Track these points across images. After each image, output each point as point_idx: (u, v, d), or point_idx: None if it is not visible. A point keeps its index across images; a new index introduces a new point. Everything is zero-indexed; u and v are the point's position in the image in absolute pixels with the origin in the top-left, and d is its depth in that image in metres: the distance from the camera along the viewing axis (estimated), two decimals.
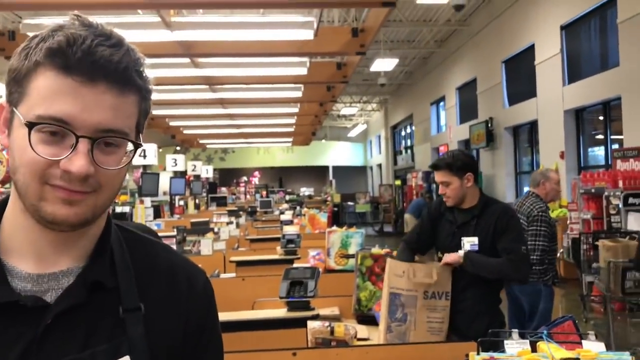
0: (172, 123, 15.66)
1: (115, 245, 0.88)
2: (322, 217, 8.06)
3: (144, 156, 8.07)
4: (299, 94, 11.66)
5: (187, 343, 0.90)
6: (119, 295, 0.84)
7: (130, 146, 0.83)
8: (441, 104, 18.11)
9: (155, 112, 12.74)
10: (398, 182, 21.85)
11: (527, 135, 12.80)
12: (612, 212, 7.75)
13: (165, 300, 0.89)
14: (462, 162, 2.97)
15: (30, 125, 0.76)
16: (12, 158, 0.79)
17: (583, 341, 1.45)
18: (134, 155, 0.85)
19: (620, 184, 7.70)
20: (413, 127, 21.36)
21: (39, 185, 0.77)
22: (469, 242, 2.90)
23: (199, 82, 10.10)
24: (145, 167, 8.81)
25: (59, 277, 0.83)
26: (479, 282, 2.85)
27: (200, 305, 0.92)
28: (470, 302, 2.84)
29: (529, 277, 3.56)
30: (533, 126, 12.03)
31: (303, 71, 9.47)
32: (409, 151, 22.33)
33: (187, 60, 8.68)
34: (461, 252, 2.84)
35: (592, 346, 1.43)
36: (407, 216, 16.00)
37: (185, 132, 17.62)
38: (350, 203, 24.58)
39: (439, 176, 2.99)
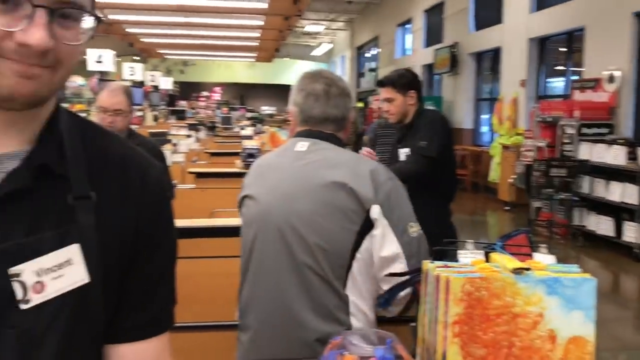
0: (130, 30, 15.00)
1: (65, 130, 0.83)
2: (283, 135, 8.04)
3: (101, 62, 7.74)
4: (264, 5, 11.27)
5: (139, 238, 0.86)
6: (68, 182, 0.80)
7: (88, 22, 0.77)
8: (407, 26, 17.83)
9: (113, 16, 12.16)
10: (360, 104, 21.79)
11: (489, 62, 12.80)
12: (565, 141, 7.95)
13: (116, 191, 0.85)
14: (407, 80, 3.07)
15: None
16: None
17: (534, 253, 1.49)
18: (94, 32, 0.79)
19: (577, 114, 7.86)
20: (378, 49, 21.07)
21: None
22: (404, 153, 3.05)
23: None
24: (102, 73, 8.48)
25: (3, 160, 0.78)
26: (426, 192, 2.83)
27: (153, 198, 0.88)
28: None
29: None
30: (496, 53, 12.02)
31: None
32: (372, 73, 22.13)
33: None
34: None
35: (543, 258, 1.48)
36: (365, 138, 16.08)
37: (143, 40, 16.95)
38: None
39: (383, 93, 3.11)
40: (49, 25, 0.71)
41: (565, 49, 10.05)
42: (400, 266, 1.56)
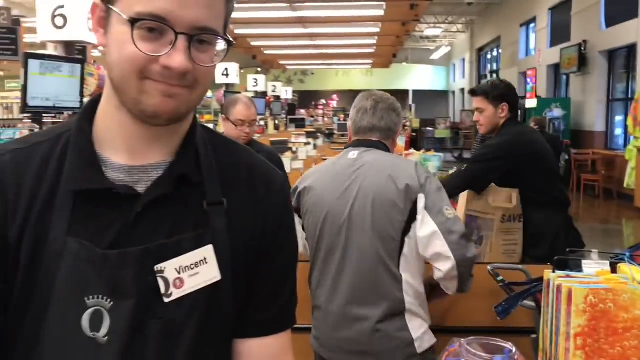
0: (254, 43, 15.72)
1: (200, 143, 0.93)
2: (400, 141, 8.03)
3: (227, 75, 8.19)
4: (380, 12, 11.32)
5: (264, 241, 0.94)
6: (203, 189, 0.89)
7: (220, 45, 0.85)
8: (531, 25, 17.05)
9: (237, 31, 12.80)
10: None
11: (623, 60, 11.91)
12: None
13: (245, 198, 0.93)
14: (500, 92, 2.93)
15: (133, 22, 0.78)
16: (110, 55, 0.83)
17: None
18: (226, 54, 0.88)
19: None
20: (500, 50, 20.35)
21: (139, 80, 0.81)
22: None
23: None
24: (227, 85, 8.96)
25: (149, 170, 0.88)
26: (535, 203, 2.79)
27: (277, 205, 0.96)
28: (534, 224, 2.81)
29: None
30: (631, 50, 11.16)
31: None
32: (494, 75, 21.39)
33: None
34: None
35: None
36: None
37: (266, 52, 17.68)
38: (429, 128, 24.11)
39: (475, 102, 2.99)
40: (188, 50, 0.80)
41: None
42: (440, 243, 1.79)
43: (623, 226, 9.30)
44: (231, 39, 0.86)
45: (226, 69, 8.15)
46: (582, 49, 12.69)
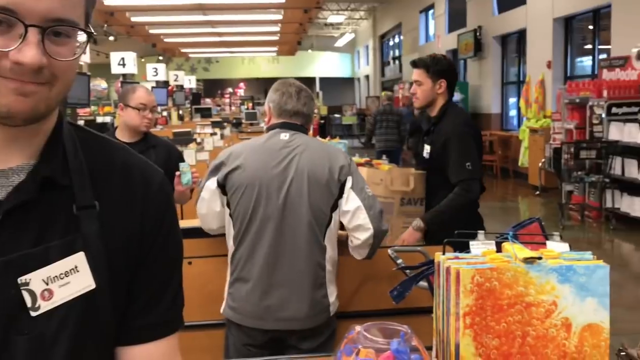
0: (152, 31, 15.16)
1: (68, 142, 0.86)
2: None
3: (124, 65, 7.86)
4: None
5: (144, 243, 0.89)
6: (72, 192, 0.83)
7: (81, 37, 0.79)
8: (430, 12, 17.62)
9: (134, 19, 12.31)
10: (386, 93, 21.63)
11: (515, 45, 12.59)
12: (594, 122, 7.79)
13: (120, 199, 0.88)
14: (441, 67, 2.93)
15: None
16: None
17: (547, 242, 1.48)
18: (86, 46, 0.82)
19: (605, 93, 7.69)
20: (401, 37, 20.88)
21: None
22: (426, 150, 2.93)
23: None
24: (125, 76, 8.60)
25: (9, 174, 0.81)
26: (447, 186, 2.79)
27: (156, 205, 0.91)
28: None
29: None
30: (521, 35, 11.81)
31: None
32: (397, 62, 21.94)
33: None
34: (417, 223, 2.72)
35: (556, 246, 1.47)
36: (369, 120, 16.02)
37: (165, 40, 17.11)
38: (337, 115, 24.43)
39: (414, 74, 2.98)
40: (41, 43, 0.74)
41: (591, 28, 9.83)
42: (362, 216, 2.06)
43: (519, 203, 9.88)
44: (92, 31, 0.80)
45: (122, 59, 7.81)
46: (478, 34, 13.28)
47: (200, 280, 2.34)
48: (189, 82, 14.98)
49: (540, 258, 1.35)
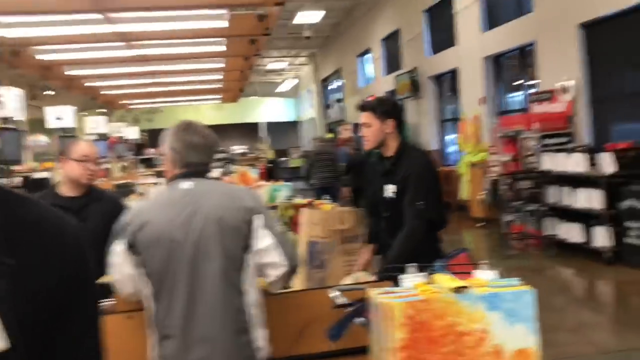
0: (88, 84, 14.93)
1: None
2: (254, 173, 8.02)
3: (60, 118, 7.70)
4: (222, 48, 11.38)
5: (59, 298, 0.87)
6: None
7: None
8: (367, 55, 18.14)
9: (71, 72, 12.13)
10: (330, 135, 21.91)
11: (449, 83, 13.07)
12: (528, 153, 8.11)
13: (35, 255, 0.86)
14: (386, 108, 3.02)
15: None
16: None
17: (475, 271, 1.52)
18: None
19: (536, 126, 8.03)
20: (343, 80, 21.34)
21: None
22: (390, 190, 2.98)
23: (113, 39, 9.64)
24: (64, 130, 8.42)
25: None
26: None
27: (71, 258, 0.90)
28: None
29: None
30: (454, 74, 12.28)
31: (224, 24, 9.22)
32: (339, 104, 22.35)
33: (99, 16, 8.25)
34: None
35: (484, 275, 1.51)
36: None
37: (103, 92, 16.85)
38: (284, 158, 24.52)
39: (362, 118, 3.04)
40: None
41: (519, 65, 10.33)
42: (276, 253, 2.05)
43: (463, 235, 10.07)
44: None
45: (60, 113, 7.66)
46: (413, 75, 13.73)
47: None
48: (132, 133, 14.78)
49: (467, 287, 1.38)
